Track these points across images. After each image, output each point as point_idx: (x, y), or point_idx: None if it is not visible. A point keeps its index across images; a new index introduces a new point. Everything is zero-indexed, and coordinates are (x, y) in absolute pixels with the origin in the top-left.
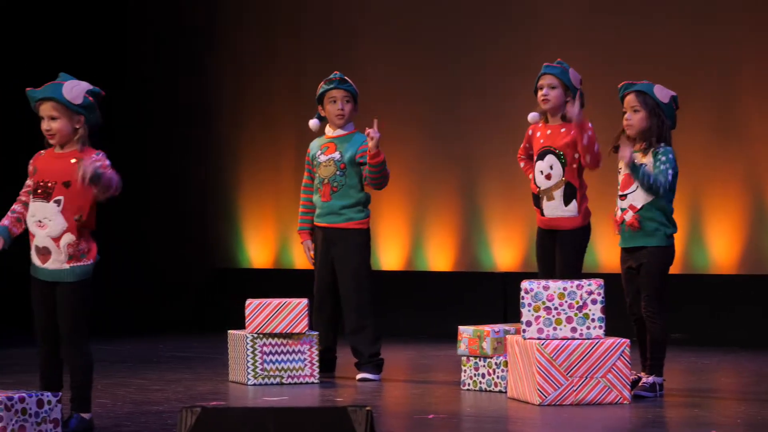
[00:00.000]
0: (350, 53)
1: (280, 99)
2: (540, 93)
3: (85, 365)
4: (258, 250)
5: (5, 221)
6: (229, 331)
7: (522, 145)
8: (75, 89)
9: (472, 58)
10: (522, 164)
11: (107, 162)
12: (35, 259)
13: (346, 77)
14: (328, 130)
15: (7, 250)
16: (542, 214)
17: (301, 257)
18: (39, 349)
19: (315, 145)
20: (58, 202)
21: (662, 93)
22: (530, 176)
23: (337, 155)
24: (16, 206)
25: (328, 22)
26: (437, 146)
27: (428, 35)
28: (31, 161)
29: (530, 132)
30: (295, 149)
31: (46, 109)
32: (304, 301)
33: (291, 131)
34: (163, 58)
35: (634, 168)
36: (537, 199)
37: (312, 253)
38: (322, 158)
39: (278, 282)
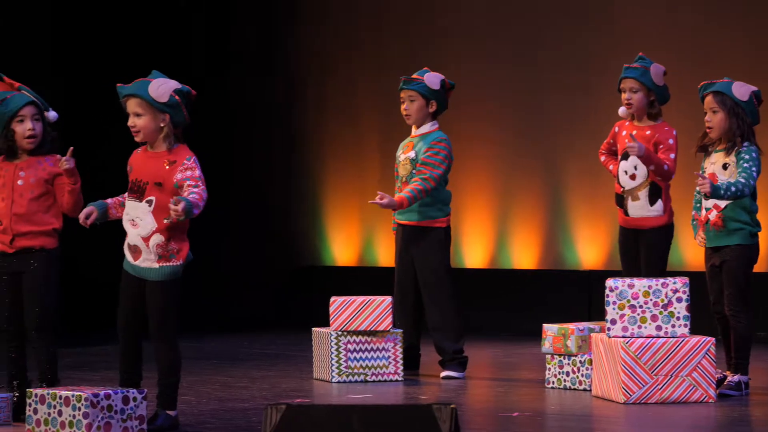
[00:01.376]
0: (434, 51)
1: (364, 96)
2: (623, 96)
3: (173, 363)
4: (342, 248)
5: (109, 200)
6: (313, 329)
7: (606, 141)
8: (161, 87)
9: (556, 57)
10: (602, 158)
11: (197, 173)
12: (127, 254)
13: (414, 76)
14: (413, 129)
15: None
16: (626, 214)
17: (385, 255)
18: (120, 343)
19: (401, 144)
20: (149, 202)
21: (741, 90)
22: (610, 168)
23: (412, 154)
24: (120, 197)
25: (412, 20)
26: (522, 144)
27: (513, 33)
28: (129, 160)
29: (616, 129)
30: (379, 147)
31: (131, 106)
32: (388, 298)
33: (375, 128)
34: (248, 56)
35: (716, 191)
36: (620, 199)
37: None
38: (402, 157)
39: (362, 279)
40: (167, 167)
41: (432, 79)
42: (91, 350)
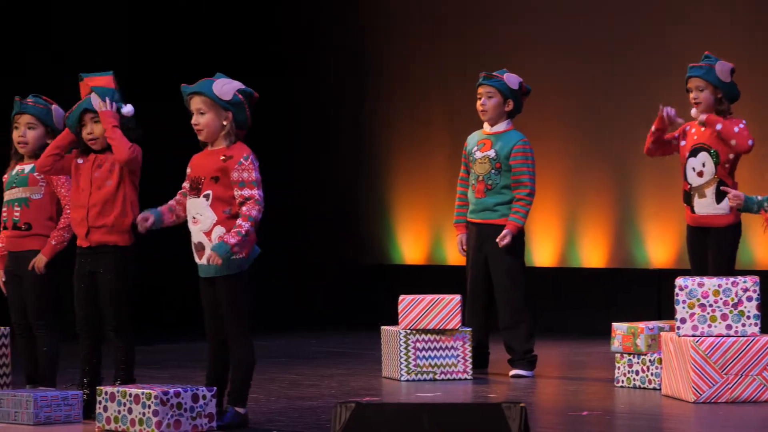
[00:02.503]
0: (504, 49)
1: (433, 94)
2: (690, 96)
3: (247, 360)
4: (411, 246)
5: (163, 206)
6: (382, 327)
7: (671, 134)
8: (226, 86)
9: (625, 55)
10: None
11: (254, 176)
12: (195, 256)
13: (495, 73)
14: (486, 126)
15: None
16: (693, 212)
17: (454, 253)
18: (208, 348)
19: (472, 140)
20: (207, 196)
21: None
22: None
23: (492, 153)
24: (172, 200)
25: (482, 19)
26: (590, 143)
27: (581, 32)
28: (189, 163)
29: (687, 128)
30: (448, 145)
31: (195, 103)
32: (457, 297)
33: (443, 127)
34: (316, 55)
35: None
36: (688, 197)
37: (465, 247)
38: (478, 155)
39: (431, 278)
40: (223, 161)
41: (511, 79)
42: (161, 348)
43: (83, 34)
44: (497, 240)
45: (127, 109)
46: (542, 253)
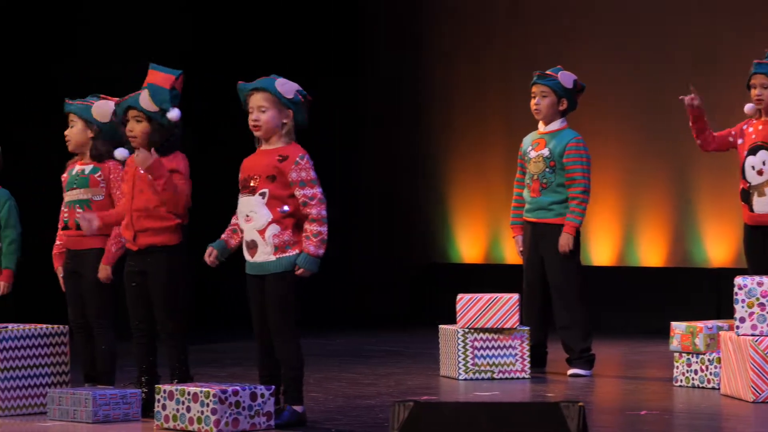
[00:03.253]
0: (561, 48)
1: (490, 94)
2: (753, 92)
3: (296, 357)
4: (469, 245)
5: (223, 235)
6: (440, 326)
7: (726, 130)
8: (287, 85)
9: (682, 54)
10: (694, 132)
11: (312, 175)
12: (245, 254)
13: (549, 71)
14: (540, 126)
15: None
16: (751, 210)
17: (512, 252)
18: (257, 346)
19: (527, 141)
20: (263, 194)
21: None
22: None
23: (546, 152)
24: (233, 218)
25: (540, 17)
26: (647, 142)
27: (638, 30)
28: (241, 165)
29: (745, 126)
30: (505, 144)
31: (256, 100)
32: (515, 296)
33: (500, 126)
34: (374, 55)
35: None
36: (746, 195)
37: (522, 248)
38: (532, 154)
39: (489, 277)
40: (279, 161)
41: (566, 77)
42: (219, 346)
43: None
44: (559, 249)
45: (174, 113)
46: (600, 252)
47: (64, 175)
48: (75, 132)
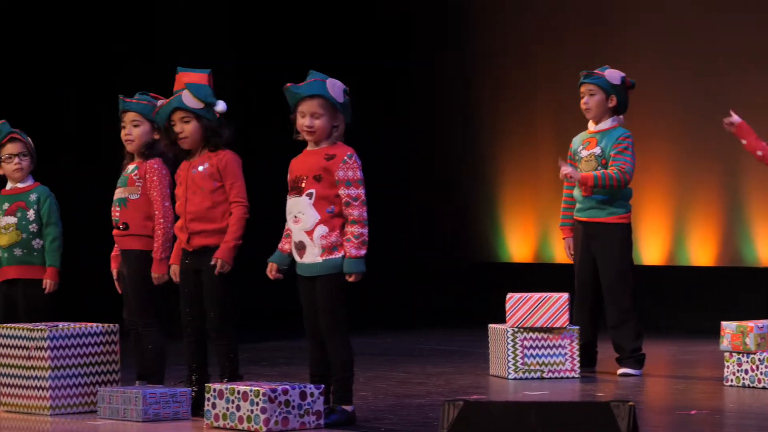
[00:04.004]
0: (610, 48)
1: (539, 93)
2: None
3: (346, 358)
4: (518, 245)
5: (280, 244)
6: (489, 325)
7: None
8: (336, 87)
9: (732, 52)
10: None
11: (358, 175)
12: (295, 255)
13: (596, 70)
14: (591, 125)
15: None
16: None
17: (561, 251)
18: (309, 345)
19: (577, 140)
20: (309, 195)
21: None
22: (758, 154)
23: (597, 150)
24: (287, 224)
25: (589, 15)
26: (698, 141)
27: (689, 30)
28: (290, 165)
29: None
30: (554, 144)
31: (311, 106)
32: (565, 295)
33: (550, 125)
34: (424, 54)
35: None
36: None
37: (572, 250)
38: (584, 153)
39: (539, 276)
40: (326, 160)
41: (613, 74)
42: (270, 345)
43: (187, 33)
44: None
45: (221, 106)
46: (651, 251)
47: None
48: (141, 132)
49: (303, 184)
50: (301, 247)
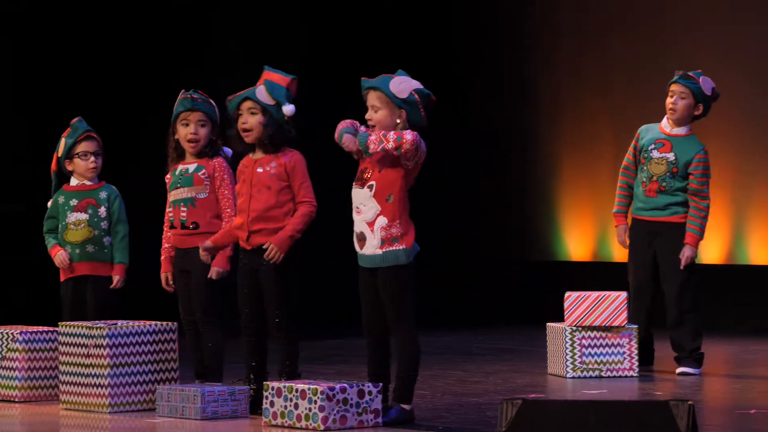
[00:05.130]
0: (670, 46)
1: (598, 91)
2: None
3: (411, 356)
4: (577, 243)
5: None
6: (547, 324)
7: None
8: (403, 84)
9: None
10: None
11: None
12: (356, 246)
13: (691, 73)
14: (666, 125)
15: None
16: None
17: (619, 250)
18: (366, 340)
19: (648, 135)
20: (370, 187)
21: None
22: None
23: (671, 156)
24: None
25: (649, 15)
26: (759, 140)
27: (754, 28)
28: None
29: None
30: (613, 142)
31: (371, 98)
32: (623, 294)
33: (607, 124)
34: (483, 53)
35: None
36: None
37: (626, 235)
38: (655, 154)
39: (597, 274)
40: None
41: (707, 83)
42: (327, 343)
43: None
44: (682, 260)
45: (288, 108)
46: (710, 250)
47: (168, 176)
48: (207, 133)
49: (367, 176)
50: (361, 238)
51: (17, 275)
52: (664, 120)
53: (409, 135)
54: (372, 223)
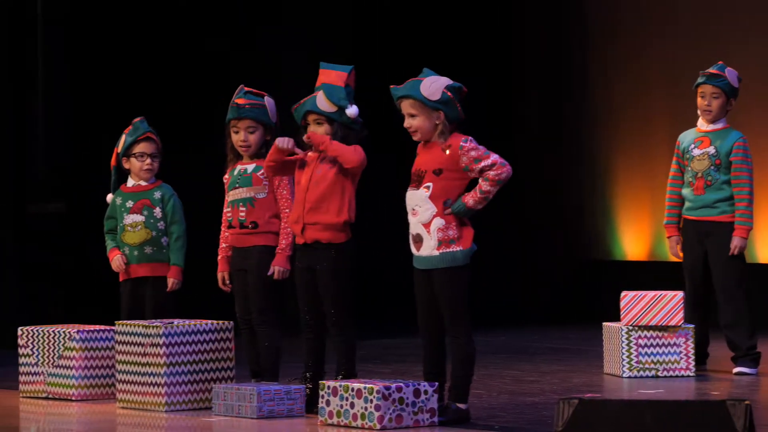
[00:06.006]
0: (722, 44)
1: (654, 90)
2: None
3: (466, 355)
4: (633, 243)
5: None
6: (603, 324)
7: None
8: (433, 85)
9: None
10: None
11: (481, 150)
12: (412, 247)
13: (714, 70)
14: (701, 124)
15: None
16: None
17: None
18: (421, 340)
19: (686, 138)
20: (427, 188)
21: None
22: None
23: (712, 149)
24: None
25: (703, 13)
26: None
27: None
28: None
29: None
30: (670, 141)
31: (405, 107)
32: (680, 293)
33: (665, 123)
34: (539, 52)
35: None
36: None
37: (679, 247)
38: (696, 152)
39: (653, 274)
40: (445, 153)
41: (732, 75)
42: (383, 343)
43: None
44: (732, 250)
45: (352, 110)
46: (765, 248)
47: (226, 176)
48: (257, 138)
49: (422, 178)
50: (417, 240)
51: (74, 274)
52: (699, 120)
53: (504, 173)
54: (428, 224)
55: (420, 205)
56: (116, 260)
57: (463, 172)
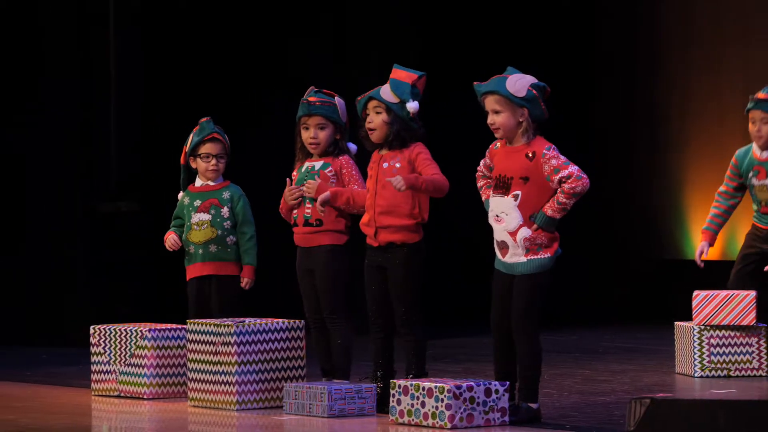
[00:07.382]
0: None
1: (729, 93)
2: None
3: (535, 356)
4: None
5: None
6: (675, 323)
7: None
8: (519, 82)
9: None
10: None
11: (562, 159)
12: (497, 252)
13: (762, 95)
14: (757, 150)
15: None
16: None
17: None
18: (493, 340)
19: (745, 161)
20: (515, 196)
21: None
22: None
23: None
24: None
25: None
26: None
27: None
28: (486, 154)
29: None
30: (742, 142)
31: (490, 103)
32: (752, 293)
33: (738, 125)
34: (612, 53)
35: None
36: None
37: (702, 256)
38: (755, 182)
39: (725, 273)
40: (529, 161)
41: None
42: (453, 341)
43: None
44: None
45: (412, 105)
46: None
47: (294, 173)
48: (327, 135)
49: (509, 185)
50: (503, 246)
51: (146, 273)
52: (754, 145)
53: (579, 187)
54: (514, 233)
55: (507, 213)
56: (170, 239)
57: (548, 181)
